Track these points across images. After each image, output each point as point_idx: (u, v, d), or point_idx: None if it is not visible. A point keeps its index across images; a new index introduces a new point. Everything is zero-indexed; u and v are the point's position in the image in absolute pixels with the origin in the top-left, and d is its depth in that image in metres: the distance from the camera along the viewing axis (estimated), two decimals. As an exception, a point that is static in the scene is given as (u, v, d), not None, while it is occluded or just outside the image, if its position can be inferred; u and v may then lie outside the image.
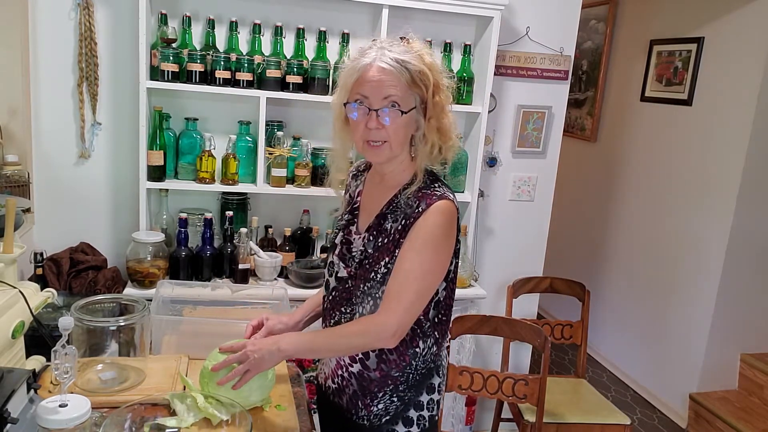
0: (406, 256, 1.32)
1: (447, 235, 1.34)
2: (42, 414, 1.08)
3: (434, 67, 1.32)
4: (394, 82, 1.28)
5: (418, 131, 1.34)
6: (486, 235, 2.98)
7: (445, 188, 1.37)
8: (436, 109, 1.32)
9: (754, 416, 3.18)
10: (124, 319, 1.47)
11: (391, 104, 1.29)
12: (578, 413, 2.56)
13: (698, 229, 3.39)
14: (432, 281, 1.35)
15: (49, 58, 2.33)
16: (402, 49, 1.31)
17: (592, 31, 4.29)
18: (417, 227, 1.32)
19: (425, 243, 1.31)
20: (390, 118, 1.29)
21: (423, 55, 1.31)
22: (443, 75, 1.34)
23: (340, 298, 1.44)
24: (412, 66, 1.28)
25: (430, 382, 1.44)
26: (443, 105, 1.33)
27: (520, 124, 2.87)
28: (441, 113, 1.33)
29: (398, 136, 1.32)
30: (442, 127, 1.34)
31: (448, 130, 1.35)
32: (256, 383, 1.36)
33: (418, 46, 1.33)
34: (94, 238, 2.47)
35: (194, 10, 2.39)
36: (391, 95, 1.28)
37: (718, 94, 3.29)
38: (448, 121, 1.35)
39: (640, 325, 3.78)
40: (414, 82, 1.29)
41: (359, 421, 1.43)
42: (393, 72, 1.27)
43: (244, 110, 2.47)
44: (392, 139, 1.31)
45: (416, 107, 1.32)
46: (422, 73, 1.29)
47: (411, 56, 1.29)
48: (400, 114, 1.29)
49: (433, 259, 1.32)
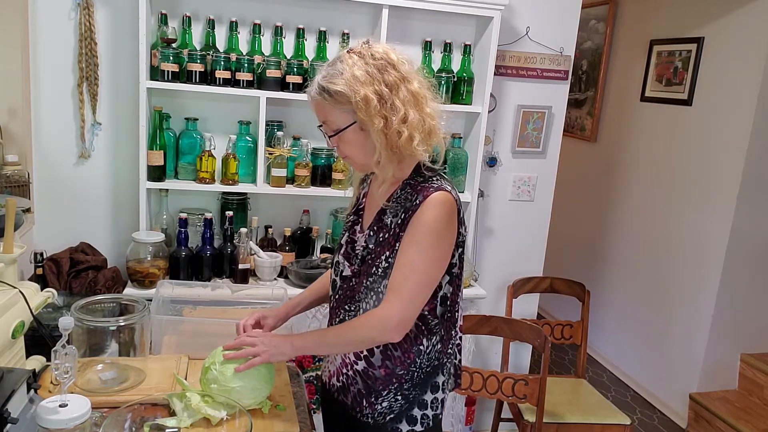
0: (406, 249, 1.34)
1: (446, 226, 1.35)
2: (42, 414, 1.08)
3: (358, 80, 1.30)
4: (322, 107, 1.36)
5: (369, 138, 1.34)
6: (486, 235, 2.98)
7: (444, 181, 1.39)
8: (367, 118, 1.30)
9: (754, 416, 3.18)
10: (124, 319, 1.47)
11: (329, 127, 1.37)
12: (578, 413, 2.56)
13: (698, 229, 3.39)
14: (434, 273, 1.35)
15: (49, 58, 2.33)
16: (328, 71, 1.34)
17: (592, 31, 4.29)
18: (415, 220, 1.33)
19: (424, 235, 1.33)
20: (332, 139, 1.38)
21: (345, 72, 1.31)
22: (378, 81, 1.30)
23: (344, 296, 1.45)
24: (332, 88, 1.31)
25: (435, 381, 1.44)
26: (378, 111, 1.30)
27: (520, 124, 2.88)
28: (372, 119, 1.30)
29: (351, 151, 1.38)
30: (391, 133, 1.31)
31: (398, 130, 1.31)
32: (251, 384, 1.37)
33: (350, 61, 1.32)
34: (94, 238, 2.47)
35: (194, 10, 2.39)
36: (325, 120, 1.38)
37: (718, 94, 3.29)
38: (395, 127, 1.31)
39: (640, 325, 3.78)
40: (338, 102, 1.32)
41: (363, 419, 1.44)
42: (318, 99, 1.35)
43: (244, 110, 2.47)
44: (351, 155, 1.39)
45: (355, 122, 1.33)
46: (341, 93, 1.31)
47: (334, 77, 1.31)
48: (335, 134, 1.36)
49: (433, 250, 1.33)
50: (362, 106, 1.29)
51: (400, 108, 1.31)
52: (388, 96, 1.31)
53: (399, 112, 1.31)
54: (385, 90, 1.31)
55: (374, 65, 1.31)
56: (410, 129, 1.32)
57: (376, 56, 1.33)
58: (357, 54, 1.33)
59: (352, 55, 1.34)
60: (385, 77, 1.31)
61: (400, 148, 1.33)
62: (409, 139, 1.32)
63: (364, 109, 1.29)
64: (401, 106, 1.31)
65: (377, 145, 1.33)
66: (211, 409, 1.32)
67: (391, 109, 1.31)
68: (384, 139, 1.32)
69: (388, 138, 1.32)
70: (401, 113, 1.31)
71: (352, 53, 1.34)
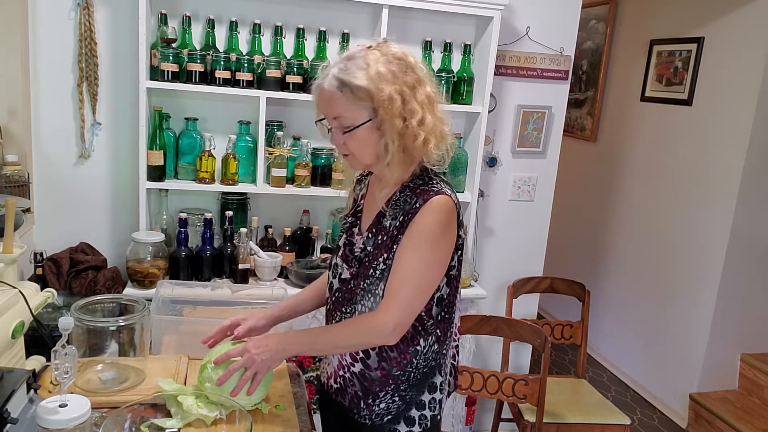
0: (404, 252, 1.32)
1: (445, 231, 1.34)
2: (42, 414, 1.08)
3: (383, 77, 1.28)
4: (337, 101, 1.29)
5: (383, 138, 1.32)
6: (486, 235, 2.97)
7: (444, 184, 1.37)
8: (388, 117, 1.28)
9: (754, 416, 3.18)
10: (124, 319, 1.47)
11: (339, 123, 1.32)
12: (578, 413, 2.56)
13: (698, 229, 3.39)
14: (432, 277, 1.35)
15: (49, 58, 2.33)
16: (344, 65, 1.29)
17: (592, 31, 4.29)
18: (414, 223, 1.32)
19: (423, 239, 1.32)
20: (340, 136, 1.33)
21: (369, 67, 1.28)
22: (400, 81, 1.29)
23: (342, 299, 1.44)
24: (354, 82, 1.27)
25: (432, 381, 1.44)
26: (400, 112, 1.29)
27: (520, 124, 2.87)
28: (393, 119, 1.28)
29: (360, 150, 1.34)
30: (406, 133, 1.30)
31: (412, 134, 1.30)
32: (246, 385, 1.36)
33: (371, 57, 1.29)
34: (94, 238, 2.47)
35: (194, 10, 2.39)
36: (337, 116, 1.31)
37: (718, 94, 3.29)
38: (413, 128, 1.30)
39: (641, 325, 3.78)
40: (358, 98, 1.28)
41: (361, 420, 1.43)
42: (334, 92, 1.29)
43: (244, 110, 2.47)
44: (356, 153, 1.34)
45: (372, 119, 1.30)
46: (364, 89, 1.27)
47: (353, 73, 1.27)
48: (349, 130, 1.31)
49: (431, 254, 1.32)
50: (387, 104, 1.27)
51: (417, 111, 1.30)
52: (408, 97, 1.30)
53: (417, 114, 1.30)
54: (407, 91, 1.30)
55: (396, 64, 1.30)
56: (426, 132, 1.31)
57: (397, 55, 1.31)
58: (378, 50, 1.31)
59: (373, 51, 1.31)
60: (406, 78, 1.30)
61: (413, 151, 1.32)
62: (425, 143, 1.31)
63: (388, 108, 1.27)
64: (419, 108, 1.30)
65: (391, 146, 1.30)
66: (205, 409, 1.31)
67: (410, 111, 1.30)
68: (399, 141, 1.30)
69: (404, 139, 1.30)
70: (419, 116, 1.30)
71: (372, 49, 1.31)
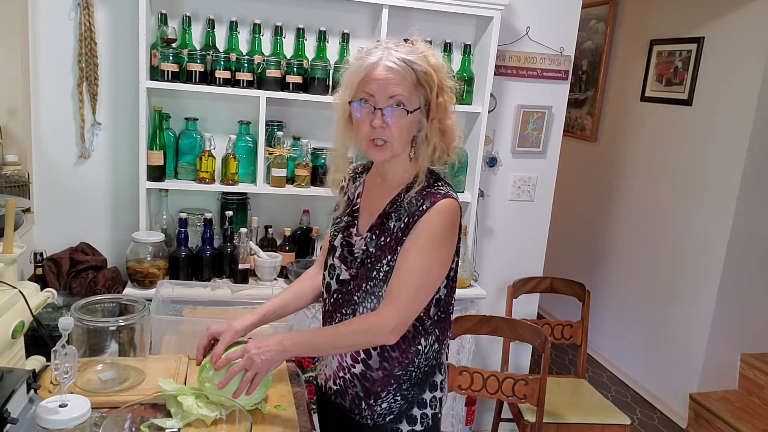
0: (408, 253, 1.33)
1: (449, 234, 1.34)
2: (42, 414, 1.08)
3: (439, 69, 1.32)
4: (399, 81, 1.28)
5: (421, 132, 1.34)
6: (486, 235, 2.97)
7: (449, 187, 1.38)
8: (440, 110, 1.33)
9: (754, 416, 3.18)
10: (124, 319, 1.47)
11: (397, 103, 1.29)
12: (578, 413, 2.55)
13: (698, 229, 3.39)
14: (434, 279, 1.35)
15: (49, 58, 2.33)
16: (407, 49, 1.31)
17: (592, 31, 4.28)
18: (420, 225, 1.32)
19: (428, 241, 1.32)
20: (395, 117, 1.29)
21: (428, 56, 1.32)
22: (447, 76, 1.34)
23: (342, 300, 1.44)
24: (418, 66, 1.29)
25: (433, 380, 1.44)
26: (447, 106, 1.34)
27: (520, 124, 2.87)
28: (444, 115, 1.34)
29: (401, 136, 1.32)
30: (446, 129, 1.35)
31: (452, 131, 1.36)
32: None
33: (423, 47, 1.33)
34: (94, 238, 2.47)
35: (194, 10, 2.39)
36: (396, 94, 1.28)
37: (718, 94, 3.29)
38: (451, 122, 1.36)
39: (640, 325, 3.78)
40: (419, 83, 1.29)
41: (363, 420, 1.43)
42: (399, 71, 1.28)
43: (244, 110, 2.47)
44: (395, 139, 1.31)
45: (420, 108, 1.32)
46: (427, 74, 1.29)
47: (416, 57, 1.30)
48: (405, 114, 1.30)
49: (435, 256, 1.33)
50: (443, 94, 1.31)
51: (449, 107, 1.35)
52: (448, 93, 1.34)
53: (449, 110, 1.35)
54: (446, 86, 1.34)
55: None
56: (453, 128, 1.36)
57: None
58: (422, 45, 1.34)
59: (420, 42, 1.34)
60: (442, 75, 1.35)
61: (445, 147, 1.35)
62: (453, 139, 1.36)
63: (444, 98, 1.32)
64: (450, 106, 1.35)
65: (432, 138, 1.33)
66: (206, 409, 1.31)
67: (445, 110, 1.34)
68: (438, 134, 1.33)
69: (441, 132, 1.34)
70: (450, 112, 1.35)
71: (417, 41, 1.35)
